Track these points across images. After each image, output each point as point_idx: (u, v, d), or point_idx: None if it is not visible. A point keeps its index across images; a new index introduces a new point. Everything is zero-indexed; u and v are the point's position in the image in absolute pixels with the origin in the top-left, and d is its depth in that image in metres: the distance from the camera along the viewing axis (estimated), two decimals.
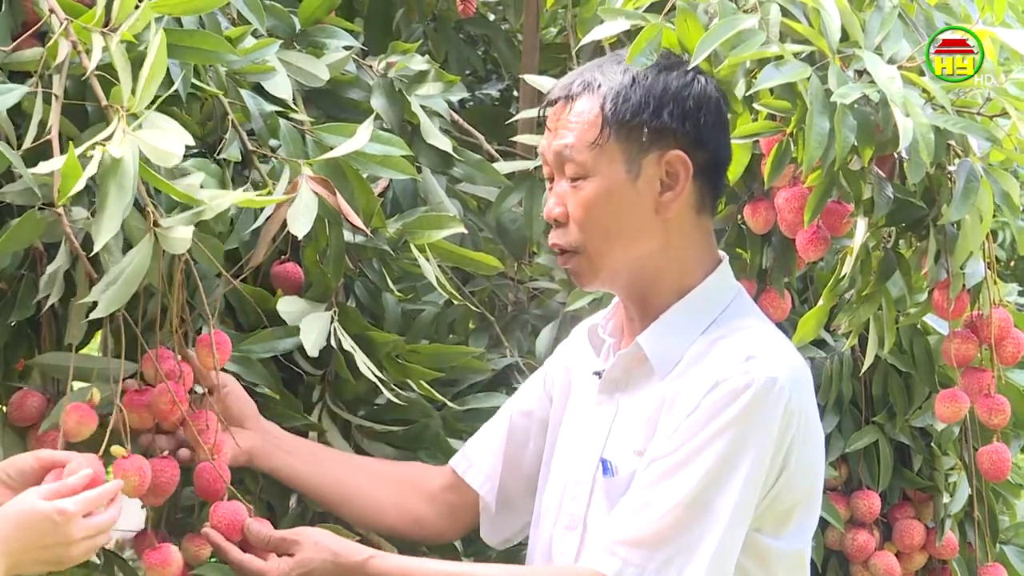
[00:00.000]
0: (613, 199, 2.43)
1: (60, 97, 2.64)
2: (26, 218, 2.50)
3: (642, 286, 2.51)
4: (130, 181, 2.41)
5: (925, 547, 3.57)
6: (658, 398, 2.44)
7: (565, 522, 2.58)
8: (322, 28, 3.40)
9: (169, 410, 2.62)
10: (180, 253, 2.53)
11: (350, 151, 2.91)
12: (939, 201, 2.85)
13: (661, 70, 2.46)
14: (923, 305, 3.10)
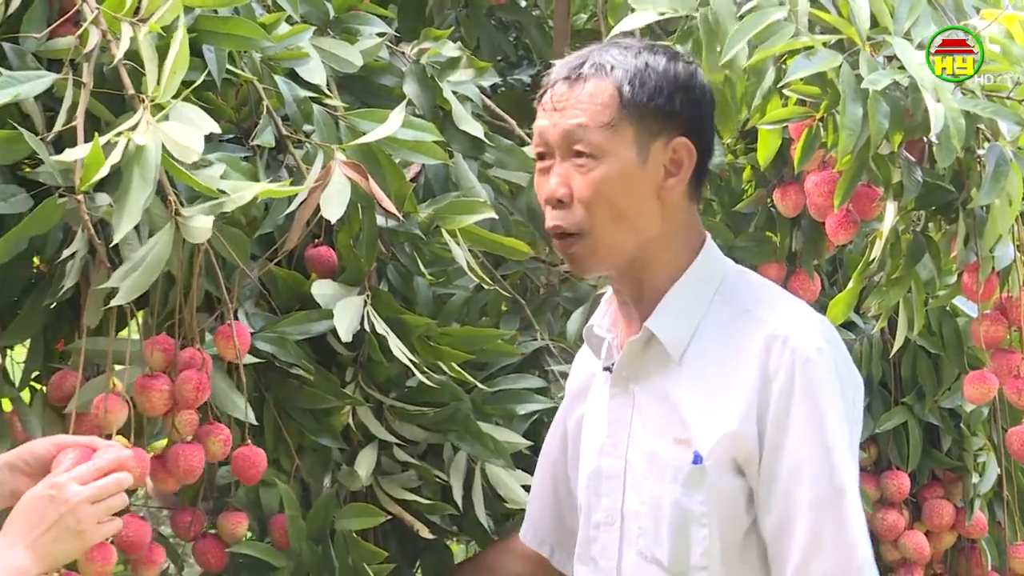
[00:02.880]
0: (623, 180, 2.38)
1: (88, 85, 2.64)
2: (46, 204, 2.50)
3: (638, 271, 2.46)
4: (152, 171, 2.42)
5: (954, 527, 3.56)
6: (684, 383, 2.42)
7: (601, 518, 2.54)
8: (355, 15, 3.40)
9: (193, 397, 2.63)
10: (199, 243, 2.53)
11: (382, 136, 2.91)
12: (968, 185, 2.84)
13: (669, 58, 2.43)
14: (952, 288, 3.09)
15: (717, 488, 2.36)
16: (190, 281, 2.68)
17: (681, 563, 2.40)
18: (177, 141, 2.45)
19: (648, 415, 2.46)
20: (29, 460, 2.39)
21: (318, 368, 2.98)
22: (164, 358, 2.67)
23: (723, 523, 2.37)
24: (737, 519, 2.38)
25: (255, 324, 2.91)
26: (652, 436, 2.44)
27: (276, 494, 2.95)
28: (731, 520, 2.38)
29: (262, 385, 2.98)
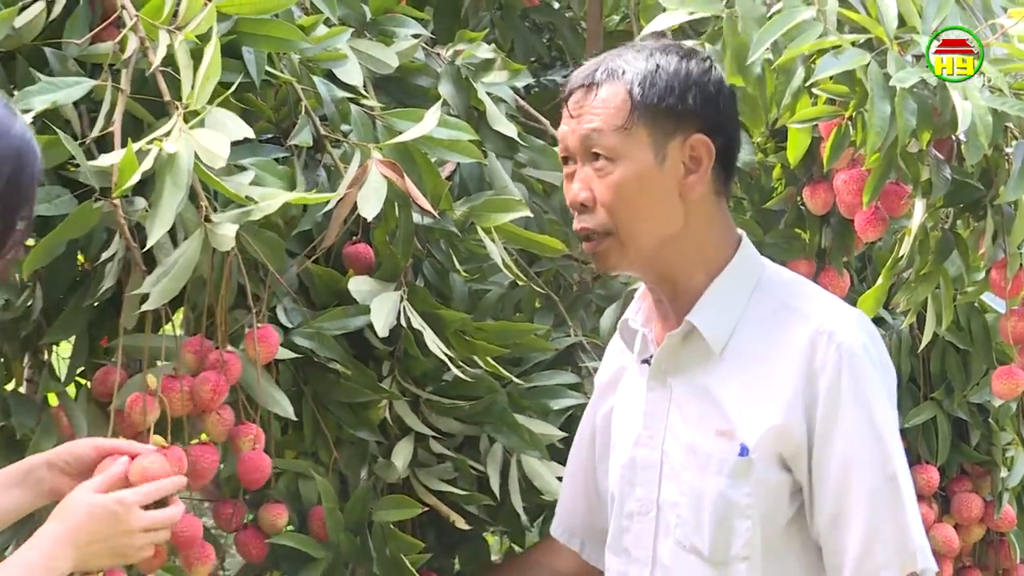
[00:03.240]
0: (641, 182, 2.39)
1: (126, 91, 2.66)
2: (83, 208, 2.52)
3: (669, 269, 2.47)
4: (184, 178, 2.44)
5: (983, 520, 3.54)
6: (726, 376, 2.42)
7: (635, 508, 2.54)
8: (392, 17, 3.41)
9: (210, 399, 2.63)
10: (226, 250, 2.54)
11: (419, 136, 2.91)
12: (996, 182, 2.82)
13: (682, 57, 2.43)
14: (980, 284, 3.06)
15: (763, 480, 2.37)
16: (221, 284, 2.69)
17: (721, 553, 2.40)
18: (206, 147, 2.46)
19: (687, 408, 2.46)
20: (69, 460, 2.42)
21: (355, 363, 2.99)
22: (195, 359, 2.69)
23: (766, 515, 2.38)
24: (780, 512, 2.39)
25: (293, 320, 2.92)
26: (691, 428, 2.45)
27: (315, 486, 2.96)
28: (774, 512, 2.39)
29: (300, 380, 3.00)
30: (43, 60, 2.74)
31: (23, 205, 2.05)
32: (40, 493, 2.41)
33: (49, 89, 2.58)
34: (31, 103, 2.53)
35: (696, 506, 2.42)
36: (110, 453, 2.40)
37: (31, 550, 2.15)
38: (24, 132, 2.03)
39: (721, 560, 2.40)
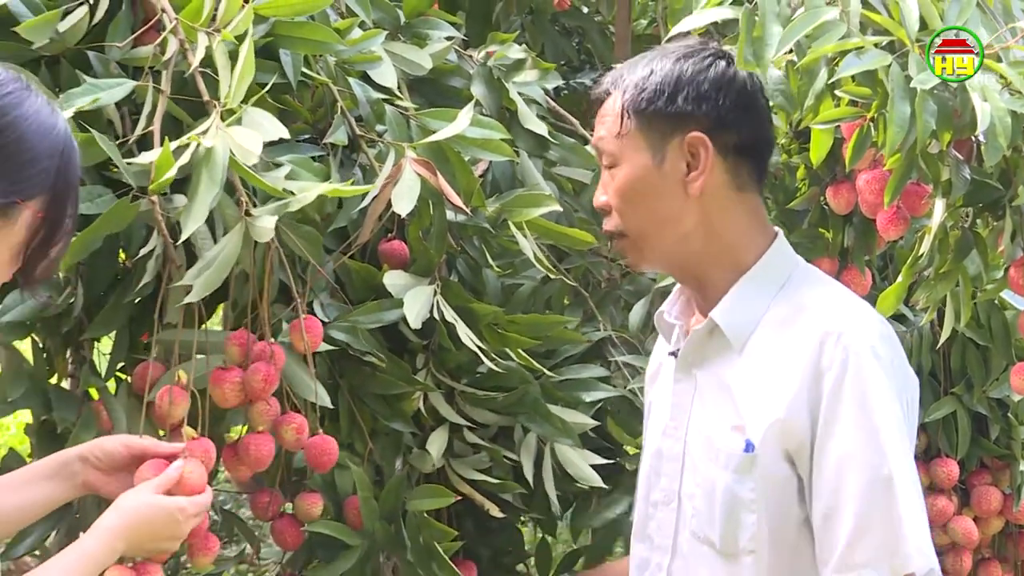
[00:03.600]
0: (641, 184, 2.40)
1: (166, 91, 2.67)
2: (119, 205, 2.53)
3: (692, 266, 2.46)
4: (219, 173, 2.44)
5: (1002, 512, 3.52)
6: (743, 373, 2.39)
7: (659, 497, 2.54)
8: (425, 20, 3.42)
9: (262, 388, 2.65)
10: (265, 241, 2.55)
11: (452, 135, 2.91)
12: (1015, 182, 2.80)
13: (679, 58, 2.42)
14: (999, 282, 3.04)
15: (767, 476, 2.34)
16: (263, 277, 2.70)
17: (731, 545, 2.38)
18: (240, 144, 2.46)
19: (708, 401, 2.45)
20: (100, 456, 2.46)
21: (390, 356, 2.99)
22: (239, 352, 2.71)
23: (772, 510, 2.34)
24: (789, 508, 2.35)
25: (329, 314, 2.93)
26: (710, 421, 2.43)
27: (350, 476, 2.97)
28: (781, 508, 2.35)
29: (337, 372, 3.00)
30: (86, 63, 2.76)
31: (70, 199, 2.10)
32: (73, 486, 2.46)
33: (92, 91, 2.59)
34: (75, 104, 2.54)
35: (709, 498, 2.41)
36: (139, 451, 2.46)
37: (91, 539, 2.21)
38: (66, 129, 2.09)
39: (731, 552, 2.39)
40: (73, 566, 2.15)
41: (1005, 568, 3.58)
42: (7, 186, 2.01)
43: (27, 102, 2.04)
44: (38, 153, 2.03)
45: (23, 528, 2.56)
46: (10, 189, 2.01)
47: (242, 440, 2.72)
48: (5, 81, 2.04)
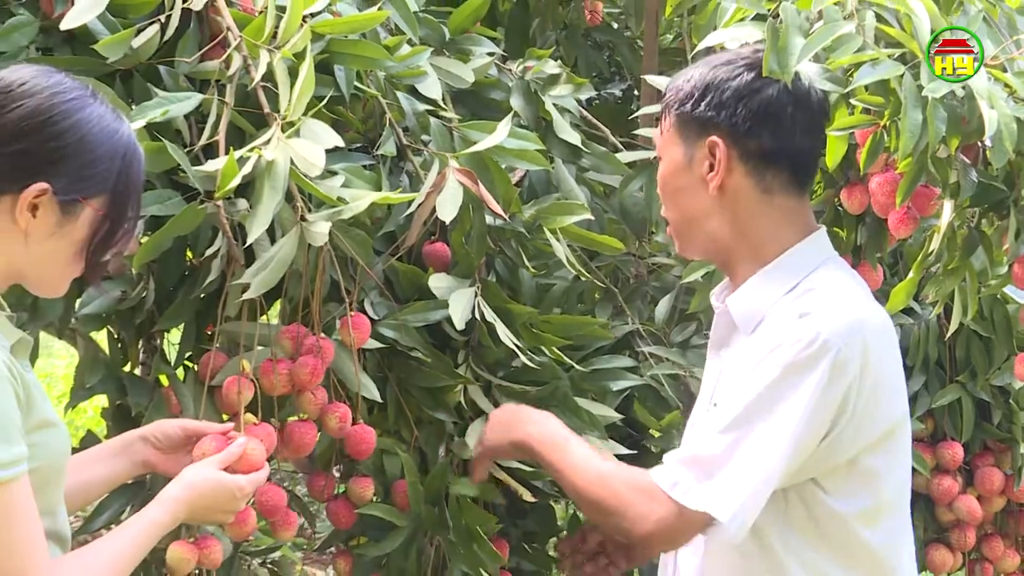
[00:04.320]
0: (673, 179, 2.45)
1: (230, 104, 2.69)
2: (187, 209, 2.55)
3: (724, 258, 2.48)
4: (281, 183, 2.47)
5: (1004, 492, 3.50)
6: (743, 351, 2.41)
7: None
8: (468, 36, 3.43)
9: (308, 380, 2.67)
10: (319, 245, 2.56)
11: (491, 145, 2.91)
12: (1019, 184, 2.78)
13: (715, 66, 2.43)
14: (1003, 277, 3.02)
15: None
16: (315, 277, 2.70)
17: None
18: (303, 156, 2.48)
19: (727, 377, 2.45)
20: (160, 437, 2.48)
21: (434, 351, 3.00)
22: (291, 345, 2.72)
23: None
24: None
25: (379, 312, 2.93)
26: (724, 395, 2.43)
27: (398, 462, 2.98)
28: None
29: (385, 366, 3.01)
30: (157, 77, 2.78)
31: (132, 199, 2.13)
32: (135, 464, 2.48)
33: (162, 103, 2.62)
34: (147, 115, 2.56)
35: None
36: (194, 433, 2.48)
37: (157, 507, 2.23)
38: (130, 135, 2.12)
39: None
40: (140, 531, 2.18)
41: (1007, 543, 3.56)
42: (69, 184, 2.04)
43: (90, 107, 2.08)
44: (100, 154, 2.06)
45: (94, 501, 2.59)
46: (73, 187, 2.05)
47: (287, 427, 2.73)
48: (70, 88, 2.08)
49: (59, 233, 2.07)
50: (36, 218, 2.04)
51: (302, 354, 2.70)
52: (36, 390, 2.06)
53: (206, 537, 2.61)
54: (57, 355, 9.91)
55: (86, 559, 2.09)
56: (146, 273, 2.72)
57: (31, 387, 2.05)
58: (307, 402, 2.72)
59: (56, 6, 2.72)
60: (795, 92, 2.41)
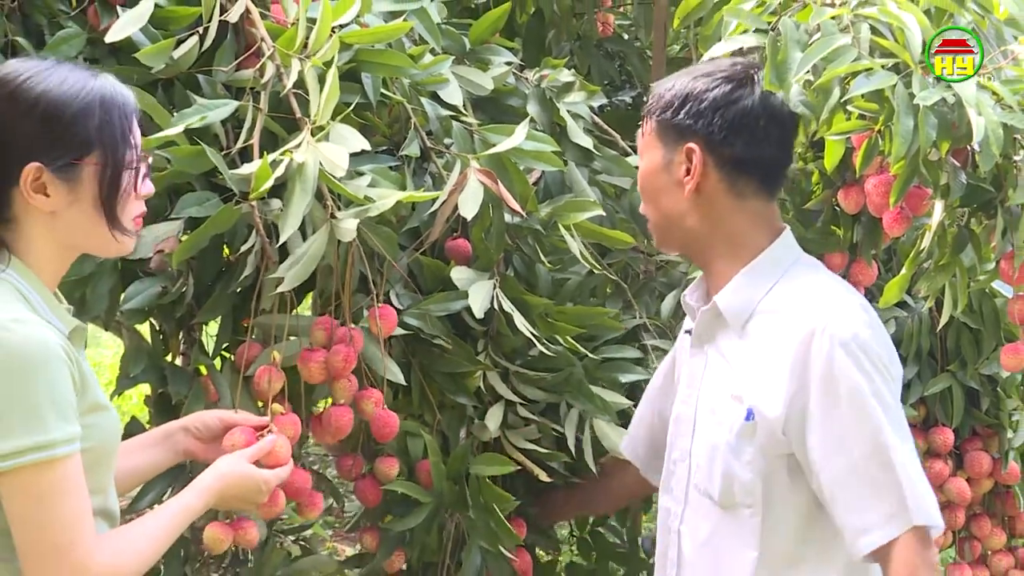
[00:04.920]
0: (652, 178, 2.50)
1: (264, 110, 2.70)
2: (223, 210, 2.57)
3: (701, 255, 2.52)
4: (311, 184, 2.47)
5: (992, 474, 3.49)
6: (743, 350, 2.43)
7: (677, 456, 2.59)
8: (487, 47, 3.42)
9: (342, 367, 2.67)
10: (348, 241, 2.57)
11: (510, 147, 2.91)
12: (1006, 186, 2.77)
13: (696, 76, 2.46)
14: (991, 273, 3.01)
15: (764, 442, 2.37)
16: (345, 271, 2.71)
17: (728, 499, 2.42)
18: (329, 159, 2.49)
19: (714, 372, 2.49)
20: (199, 427, 2.53)
21: (456, 339, 3.00)
22: (324, 335, 2.72)
23: (766, 471, 2.38)
24: (779, 470, 2.38)
25: (403, 303, 2.94)
26: (715, 390, 2.47)
27: (421, 443, 2.99)
28: (774, 470, 2.38)
29: (409, 353, 3.01)
30: (197, 85, 2.79)
31: (122, 143, 2.10)
32: (176, 453, 2.53)
33: (200, 110, 2.63)
34: (185, 121, 2.58)
35: (711, 457, 2.46)
36: (232, 425, 2.51)
37: (191, 494, 2.27)
38: (101, 86, 2.09)
39: (728, 504, 2.43)
40: (175, 514, 2.21)
41: (994, 523, 3.55)
42: (57, 153, 2.04)
43: (49, 78, 2.05)
44: (74, 114, 2.05)
45: (139, 485, 2.61)
46: (61, 155, 2.04)
47: (326, 412, 2.74)
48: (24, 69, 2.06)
49: (75, 198, 2.08)
50: (49, 196, 2.05)
51: (335, 344, 2.70)
52: (90, 375, 2.08)
53: (242, 519, 2.62)
54: (105, 345, 9.95)
55: (127, 536, 2.11)
56: (185, 269, 2.72)
57: (86, 372, 2.07)
58: (342, 388, 2.72)
59: (102, 19, 2.73)
60: (769, 106, 2.44)
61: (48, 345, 1.96)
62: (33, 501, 1.95)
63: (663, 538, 2.61)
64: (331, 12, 2.71)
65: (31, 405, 1.93)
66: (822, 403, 2.30)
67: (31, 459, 1.93)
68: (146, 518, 2.19)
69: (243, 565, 2.86)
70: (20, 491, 1.95)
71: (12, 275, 2.05)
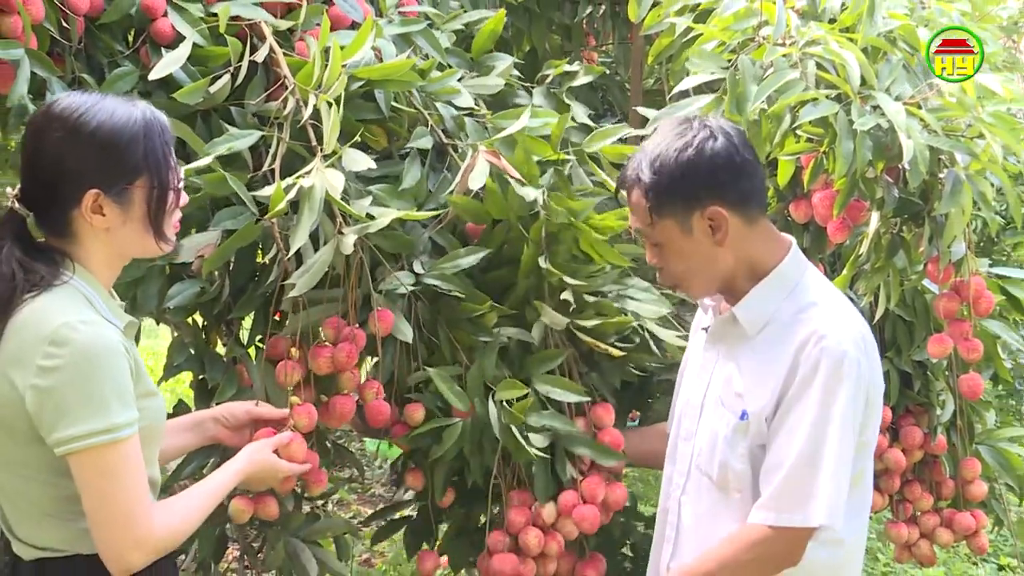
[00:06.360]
0: (680, 253, 2.38)
1: (285, 139, 2.70)
2: (247, 225, 2.59)
3: (727, 284, 2.44)
4: (317, 204, 2.47)
5: (923, 446, 3.45)
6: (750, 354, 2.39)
7: (683, 433, 2.57)
8: (490, 56, 3.37)
9: (346, 361, 2.66)
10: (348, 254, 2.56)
11: (518, 129, 2.90)
12: (932, 199, 2.78)
13: (678, 151, 2.32)
14: (920, 273, 3.04)
15: (755, 438, 2.35)
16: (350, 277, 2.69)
17: (723, 483, 2.41)
18: (331, 183, 2.50)
19: (724, 368, 2.46)
20: (227, 417, 2.57)
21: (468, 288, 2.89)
22: (334, 333, 2.70)
23: (755, 464, 2.36)
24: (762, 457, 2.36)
25: (426, 268, 2.87)
26: (722, 385, 2.44)
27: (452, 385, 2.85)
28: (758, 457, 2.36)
29: (435, 311, 2.92)
30: (229, 115, 2.77)
31: (164, 166, 2.10)
32: (204, 438, 2.56)
33: (228, 140, 2.65)
34: (216, 150, 2.60)
35: (711, 443, 2.44)
36: (256, 416, 2.57)
37: (223, 473, 2.33)
38: (142, 114, 2.08)
39: (723, 487, 2.42)
40: (211, 490, 2.25)
41: (923, 487, 3.52)
42: (112, 179, 2.05)
43: (101, 111, 2.05)
44: (124, 144, 2.04)
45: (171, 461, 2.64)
46: (118, 180, 2.05)
47: (332, 400, 2.72)
48: (75, 104, 2.05)
49: (127, 217, 2.08)
50: (105, 215, 2.06)
51: (340, 341, 2.68)
52: (141, 365, 2.10)
53: (263, 495, 2.65)
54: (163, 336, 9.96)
55: (177, 505, 2.15)
56: (222, 272, 2.72)
57: (139, 362, 2.09)
58: (347, 379, 2.71)
59: (152, 58, 2.71)
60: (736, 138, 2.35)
61: (111, 342, 1.97)
62: (101, 476, 1.97)
63: (664, 502, 2.60)
64: (340, 53, 2.68)
65: (98, 394, 1.94)
66: (795, 397, 2.27)
67: (99, 440, 1.95)
68: (191, 491, 2.22)
69: (271, 527, 2.83)
70: (90, 468, 1.97)
71: (77, 281, 2.06)
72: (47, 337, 1.93)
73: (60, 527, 2.07)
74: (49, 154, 2.03)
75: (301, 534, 2.85)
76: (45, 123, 2.04)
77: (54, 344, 1.93)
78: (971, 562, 6.26)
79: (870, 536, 6.23)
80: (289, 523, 2.85)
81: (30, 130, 2.07)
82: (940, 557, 6.04)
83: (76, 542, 2.07)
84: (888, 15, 2.74)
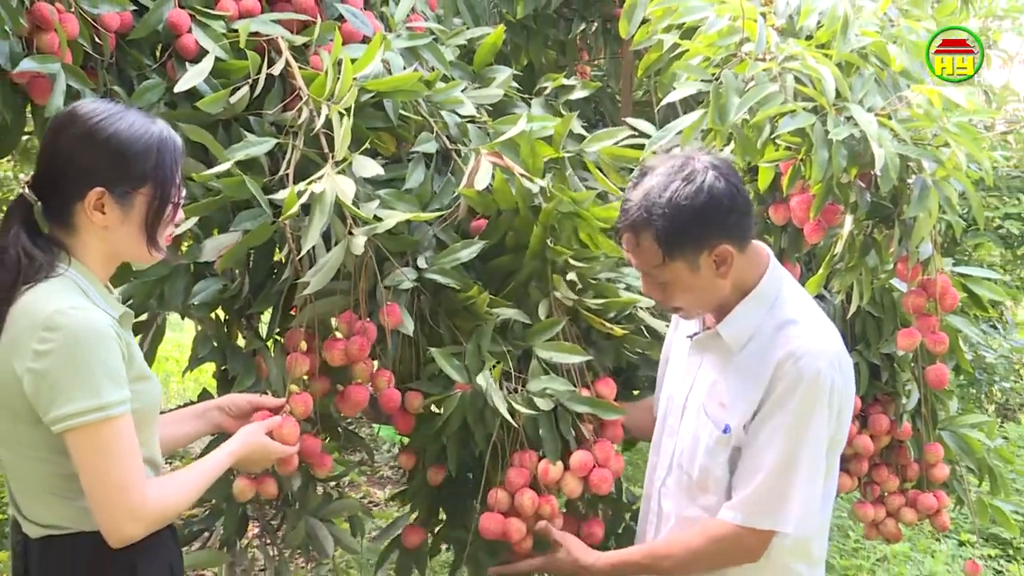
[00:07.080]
0: (686, 286, 2.32)
1: (299, 147, 2.68)
2: (261, 226, 2.57)
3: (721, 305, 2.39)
4: (327, 208, 2.45)
5: (889, 432, 3.43)
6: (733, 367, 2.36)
7: (668, 431, 2.54)
8: (491, 68, 3.35)
9: (358, 353, 2.63)
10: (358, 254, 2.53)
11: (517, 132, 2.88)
12: (901, 203, 2.77)
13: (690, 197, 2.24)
14: (890, 272, 3.02)
15: (734, 451, 2.34)
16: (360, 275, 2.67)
17: (703, 485, 2.39)
18: (341, 188, 2.48)
19: (707, 376, 2.42)
20: (231, 406, 2.53)
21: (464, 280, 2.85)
22: (346, 328, 2.67)
23: (734, 467, 2.35)
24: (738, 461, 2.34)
25: (429, 264, 2.83)
26: (705, 392, 2.41)
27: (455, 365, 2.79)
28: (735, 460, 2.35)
29: (437, 303, 2.89)
30: (248, 124, 2.76)
31: (170, 181, 2.11)
32: (210, 426, 2.53)
33: (245, 147, 2.63)
34: (235, 156, 2.59)
35: (693, 446, 2.42)
36: (258, 405, 2.54)
37: (219, 454, 2.29)
38: (160, 131, 2.10)
39: (702, 487, 2.39)
40: (206, 470, 2.22)
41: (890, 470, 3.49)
42: (119, 182, 2.05)
43: (121, 120, 2.06)
44: (136, 154, 2.05)
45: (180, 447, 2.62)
46: (122, 184, 2.05)
47: (346, 390, 2.69)
48: (99, 110, 2.06)
49: (126, 219, 2.08)
50: (105, 214, 2.06)
51: (353, 335, 2.65)
52: (135, 350, 2.10)
53: (265, 476, 2.62)
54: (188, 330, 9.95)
55: (172, 482, 2.13)
56: (242, 270, 2.71)
57: (132, 347, 2.08)
58: (361, 370, 2.67)
59: (178, 71, 2.71)
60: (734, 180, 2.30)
61: (100, 326, 1.97)
62: (95, 452, 1.96)
63: (648, 488, 2.58)
64: (351, 67, 2.66)
65: (89, 375, 1.94)
66: (772, 410, 2.25)
67: (92, 418, 1.94)
68: (187, 469, 2.20)
69: (290, 507, 2.82)
70: (85, 444, 1.96)
71: (73, 273, 2.06)
72: (41, 323, 1.94)
73: (63, 505, 2.07)
74: (64, 149, 2.04)
75: (319, 514, 2.84)
76: (68, 121, 2.06)
77: (47, 329, 1.93)
78: (934, 538, 6.26)
79: (841, 515, 6.23)
80: (307, 503, 2.84)
81: (53, 124, 2.08)
82: (905, 534, 6.05)
83: (79, 520, 2.07)
84: (860, 32, 2.74)
